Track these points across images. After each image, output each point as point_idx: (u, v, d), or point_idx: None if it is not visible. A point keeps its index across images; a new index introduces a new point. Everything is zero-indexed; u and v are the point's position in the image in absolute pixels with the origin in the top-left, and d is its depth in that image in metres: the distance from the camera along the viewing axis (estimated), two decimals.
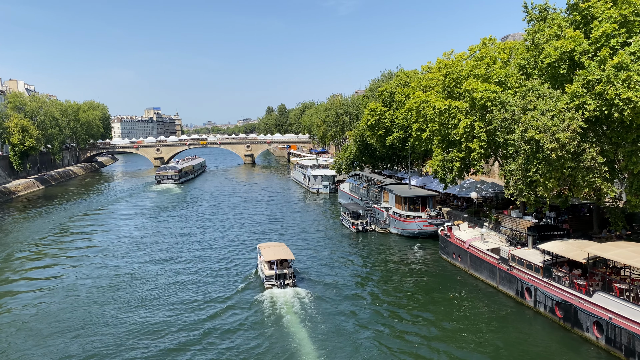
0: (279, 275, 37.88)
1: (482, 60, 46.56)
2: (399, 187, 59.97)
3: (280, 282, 37.68)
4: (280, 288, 37.41)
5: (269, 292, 37.08)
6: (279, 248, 41.75)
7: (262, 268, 39.57)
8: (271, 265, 38.75)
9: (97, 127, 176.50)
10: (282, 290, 37.21)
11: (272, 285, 37.72)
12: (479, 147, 42.73)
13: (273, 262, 38.75)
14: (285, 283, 37.73)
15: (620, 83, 29.64)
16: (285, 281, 37.81)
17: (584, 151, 31.75)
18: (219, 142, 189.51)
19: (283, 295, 36.29)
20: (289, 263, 39.30)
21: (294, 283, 38.31)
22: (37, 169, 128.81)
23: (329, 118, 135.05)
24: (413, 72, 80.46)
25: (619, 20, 31.88)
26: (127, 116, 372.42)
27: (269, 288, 37.60)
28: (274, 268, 38.34)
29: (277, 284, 37.65)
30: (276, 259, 38.78)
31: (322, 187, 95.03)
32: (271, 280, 37.89)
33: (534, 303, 33.00)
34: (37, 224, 68.57)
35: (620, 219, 35.29)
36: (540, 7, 40.54)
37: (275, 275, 37.85)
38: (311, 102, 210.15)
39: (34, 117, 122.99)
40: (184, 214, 75.06)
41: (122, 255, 51.01)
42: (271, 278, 37.90)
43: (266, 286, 37.85)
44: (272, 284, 37.75)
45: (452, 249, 44.31)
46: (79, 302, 37.08)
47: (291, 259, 39.37)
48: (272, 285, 37.72)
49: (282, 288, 37.42)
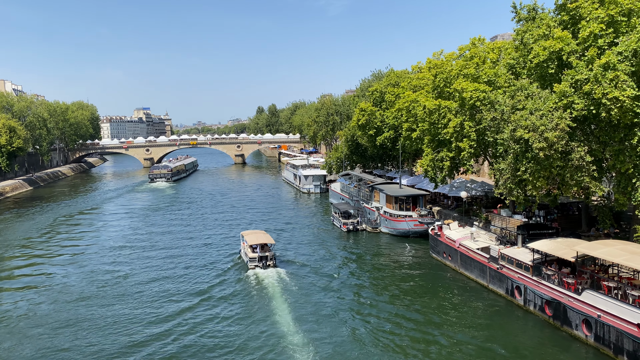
0: (261, 257, 42.24)
1: (471, 60, 46.77)
2: (390, 187, 60.10)
3: (263, 263, 42.06)
4: (262, 268, 41.78)
5: (253, 271, 41.58)
6: (261, 234, 46.43)
7: (246, 252, 43.81)
8: (254, 249, 43.09)
9: (86, 128, 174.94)
10: (264, 270, 41.54)
11: (255, 266, 42.14)
12: (468, 147, 42.91)
13: (255, 246, 43.12)
14: (267, 264, 42.13)
15: (608, 83, 29.91)
16: (267, 262, 42.21)
17: (572, 150, 32.02)
18: (209, 142, 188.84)
19: (266, 274, 40.77)
20: (270, 247, 43.67)
21: (275, 264, 42.71)
22: (25, 170, 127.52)
23: (319, 118, 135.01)
24: (403, 72, 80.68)
25: (606, 20, 32.17)
26: (116, 116, 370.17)
27: (253, 269, 41.98)
28: (256, 251, 42.67)
29: (260, 265, 42.05)
30: (258, 243, 43.20)
31: (313, 187, 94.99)
32: (254, 262, 42.27)
33: (523, 301, 33.20)
34: (26, 225, 67.85)
35: (608, 217, 35.60)
36: (529, 7, 40.77)
37: (258, 258, 42.18)
38: (302, 102, 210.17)
39: (21, 117, 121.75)
40: (175, 212, 76.77)
41: (116, 249, 52.80)
42: (254, 260, 42.32)
43: (250, 267, 42.25)
44: (256, 265, 42.18)
45: (442, 248, 44.47)
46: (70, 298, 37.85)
47: (272, 243, 43.95)
48: (255, 266, 42.14)
49: (264, 268, 41.80)
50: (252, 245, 43.39)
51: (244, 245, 45.30)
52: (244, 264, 44.11)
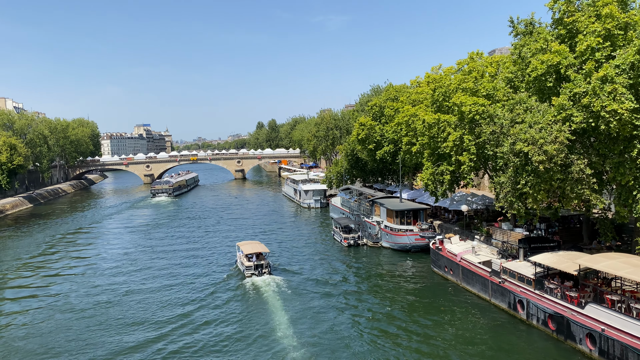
0: (257, 265, 44.66)
1: (470, 74, 46.97)
2: (390, 201, 60.00)
3: (258, 271, 44.47)
4: (258, 276, 44.17)
5: (249, 279, 43.89)
6: (256, 244, 48.74)
7: (242, 261, 46.12)
8: (249, 258, 45.54)
9: (86, 145, 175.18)
10: (260, 277, 43.99)
11: (252, 274, 44.48)
12: (468, 160, 42.93)
13: (251, 256, 45.61)
14: (262, 272, 44.51)
15: (606, 95, 30.01)
16: (262, 270, 44.59)
17: (572, 163, 32.02)
18: (210, 157, 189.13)
19: (261, 281, 43.20)
20: (264, 256, 46.05)
21: (270, 272, 45.04)
22: (26, 187, 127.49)
23: (319, 132, 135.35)
24: (402, 87, 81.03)
25: (603, 34, 32.36)
26: (116, 133, 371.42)
27: (249, 277, 44.31)
28: (252, 260, 45.14)
29: (256, 273, 44.43)
30: (253, 252, 45.67)
31: (313, 201, 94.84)
32: (250, 270, 44.64)
33: (526, 315, 32.96)
34: (26, 243, 67.67)
35: (610, 230, 35.46)
36: (526, 21, 41.12)
37: (254, 266, 44.59)
38: (301, 117, 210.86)
39: (22, 135, 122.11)
40: (177, 226, 77.94)
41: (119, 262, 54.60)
42: (250, 268, 44.69)
43: (246, 275, 44.55)
44: (252, 273, 44.52)
45: (443, 262, 44.26)
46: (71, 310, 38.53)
47: (266, 252, 46.32)
48: (252, 274, 44.48)
49: (259, 276, 44.20)
50: (247, 255, 45.81)
51: (240, 255, 47.80)
52: (240, 272, 46.39)
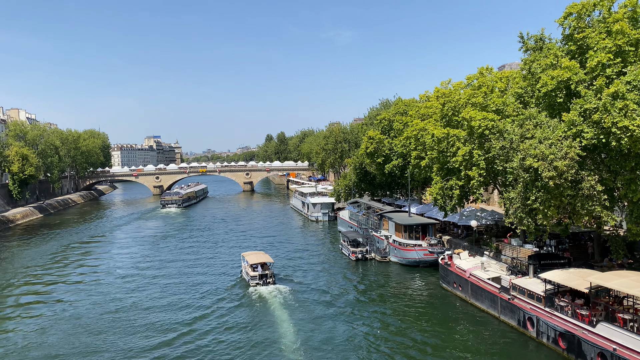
0: (262, 275, 45.84)
1: (479, 89, 46.96)
2: (399, 215, 59.75)
3: (263, 281, 45.65)
4: (263, 285, 45.27)
5: (254, 288, 44.92)
6: (260, 254, 49.95)
7: (247, 271, 47.29)
8: (254, 268, 46.58)
9: (97, 156, 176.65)
10: (265, 287, 45.03)
11: (257, 283, 45.51)
12: (478, 175, 42.72)
13: (256, 266, 46.62)
14: (267, 281, 45.68)
15: (617, 112, 29.85)
16: (267, 280, 45.78)
17: (583, 179, 31.76)
18: (219, 169, 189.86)
19: (266, 290, 44.23)
20: (269, 266, 47.11)
21: (274, 281, 46.18)
22: (36, 198, 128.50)
23: (328, 146, 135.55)
24: (411, 101, 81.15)
25: (614, 50, 32.30)
26: (127, 144, 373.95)
27: (254, 286, 45.32)
28: (257, 270, 46.23)
29: (261, 282, 45.54)
30: (258, 262, 46.77)
31: (321, 214, 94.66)
32: (255, 280, 45.70)
33: (536, 333, 32.50)
34: (35, 252, 68.06)
35: (622, 247, 35.02)
36: (536, 37, 41.13)
37: (259, 276, 45.71)
38: (310, 129, 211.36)
39: (34, 145, 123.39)
40: (185, 237, 79.38)
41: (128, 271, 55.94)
42: (255, 278, 45.77)
43: (251, 284, 45.59)
44: (257, 283, 45.54)
45: (452, 277, 43.88)
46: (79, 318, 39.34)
47: (271, 262, 47.36)
48: (257, 283, 45.51)
49: (264, 285, 45.31)
50: (252, 265, 46.81)
51: (245, 265, 48.88)
52: (245, 282, 47.53)
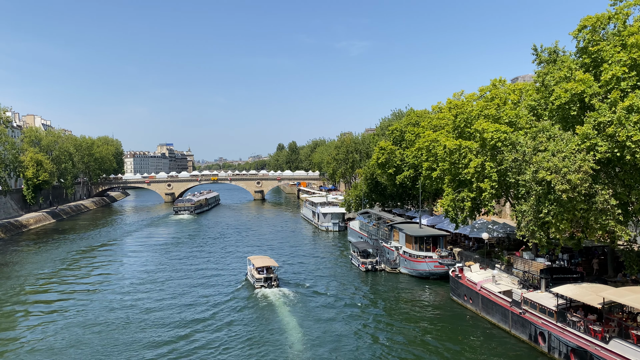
0: (267, 278, 48.22)
1: (492, 100, 46.79)
2: (410, 226, 59.47)
3: (268, 284, 47.98)
4: (267, 288, 47.65)
5: (259, 290, 47.33)
6: (266, 258, 52.61)
7: (253, 274, 49.73)
8: (259, 271, 49.19)
9: (110, 162, 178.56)
10: (269, 289, 47.39)
11: (262, 286, 47.92)
12: (489, 187, 42.43)
13: (261, 269, 49.30)
14: (271, 284, 48.04)
15: (632, 125, 29.57)
16: (272, 283, 48.15)
17: (596, 193, 31.42)
18: (230, 178, 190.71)
19: (271, 292, 46.61)
20: (273, 270, 49.70)
21: (278, 284, 48.59)
22: (49, 203, 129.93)
23: (339, 156, 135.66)
24: (423, 112, 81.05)
25: (629, 63, 32.03)
26: (140, 151, 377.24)
27: (259, 288, 47.71)
28: (262, 273, 48.83)
29: (266, 285, 47.90)
30: (263, 266, 49.45)
31: (331, 224, 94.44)
32: (260, 282, 48.10)
33: (548, 349, 32.05)
34: (47, 257, 68.71)
35: (636, 262, 34.49)
36: (550, 49, 40.95)
37: (264, 279, 48.11)
38: (322, 139, 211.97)
39: (49, 151, 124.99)
40: (196, 242, 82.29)
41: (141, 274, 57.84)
42: (260, 280, 48.18)
43: (256, 287, 47.99)
44: (262, 285, 47.93)
45: (463, 290, 43.50)
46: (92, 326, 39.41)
47: (275, 266, 50.16)
48: (262, 286, 47.92)
49: (269, 288, 47.68)
50: (258, 268, 49.42)
51: (250, 268, 51.57)
52: (250, 284, 49.87)
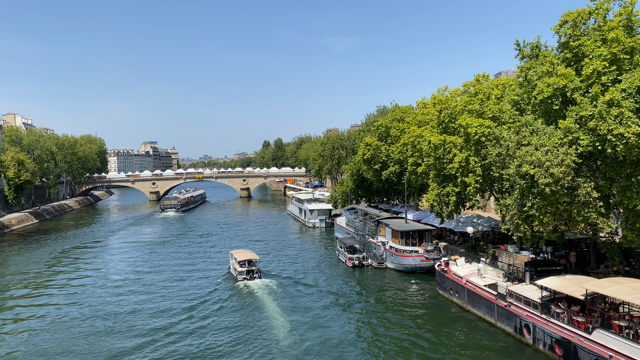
0: (249, 271, 50.61)
1: (476, 96, 47.15)
2: (396, 221, 59.77)
3: (250, 276, 50.45)
4: (249, 280, 50.10)
5: (242, 282, 49.74)
6: (247, 252, 55.06)
7: (235, 267, 52.06)
8: (241, 264, 51.54)
9: (93, 161, 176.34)
10: (251, 281, 49.87)
11: (244, 278, 50.30)
12: (474, 182, 42.83)
13: (243, 262, 51.69)
14: (253, 276, 50.52)
15: (613, 119, 30.02)
16: (253, 275, 50.65)
17: (579, 186, 31.88)
18: (215, 175, 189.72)
19: (253, 284, 49.15)
20: (255, 262, 52.18)
21: (260, 276, 51.10)
22: (32, 203, 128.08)
23: (325, 152, 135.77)
24: (408, 108, 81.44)
25: (609, 58, 32.51)
26: (123, 150, 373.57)
27: (242, 280, 50.10)
28: (244, 266, 51.15)
29: (248, 277, 50.36)
30: (245, 259, 51.88)
31: (318, 221, 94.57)
32: (243, 275, 50.47)
33: (533, 340, 32.50)
34: (30, 258, 67.71)
35: (617, 254, 35.11)
36: (532, 44, 41.39)
37: (246, 271, 50.47)
38: (308, 136, 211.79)
39: (30, 151, 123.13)
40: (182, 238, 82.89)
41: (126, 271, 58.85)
42: (243, 273, 50.52)
43: (239, 279, 50.35)
44: (244, 277, 50.33)
45: (449, 284, 43.88)
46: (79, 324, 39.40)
47: (256, 259, 52.61)
48: (244, 278, 50.30)
49: (251, 280, 50.14)
50: (240, 261, 51.64)
51: (233, 262, 53.83)
52: (233, 277, 52.03)
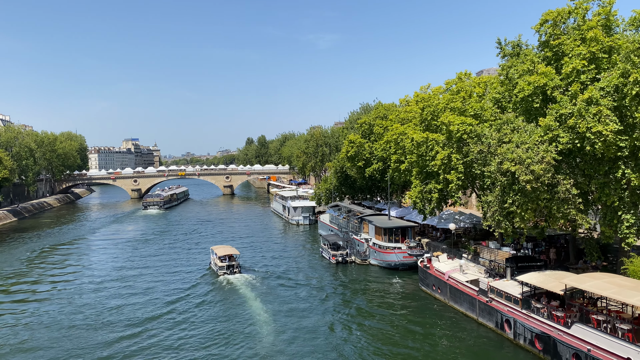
0: (229, 266, 51.54)
1: (458, 94, 47.56)
2: (379, 218, 60.03)
3: (230, 270, 51.32)
4: (230, 274, 50.97)
5: (222, 277, 50.60)
6: (227, 247, 55.70)
7: (216, 262, 53.03)
8: (222, 259, 52.29)
9: (73, 158, 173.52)
10: (232, 275, 50.85)
11: (224, 273, 51.18)
12: (456, 179, 43.22)
13: (223, 257, 52.39)
14: (233, 271, 51.42)
15: (591, 117, 30.53)
16: (234, 270, 51.54)
17: (558, 183, 32.36)
18: (198, 173, 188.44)
19: (233, 278, 50.07)
20: (235, 257, 52.93)
21: (240, 271, 51.90)
22: (10, 201, 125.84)
23: (308, 149, 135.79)
24: (391, 105, 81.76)
25: (588, 57, 33.05)
26: (104, 147, 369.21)
27: (222, 275, 50.99)
28: (224, 261, 51.99)
29: (228, 272, 51.19)
30: (226, 254, 52.58)
31: (302, 218, 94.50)
32: (223, 270, 51.40)
33: (513, 335, 32.94)
34: (9, 257, 66.49)
35: (595, 249, 35.77)
36: (513, 43, 41.85)
37: (226, 266, 51.42)
38: (291, 133, 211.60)
39: (8, 148, 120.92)
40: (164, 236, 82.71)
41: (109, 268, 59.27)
42: (223, 268, 51.48)
43: (219, 274, 51.24)
44: (225, 272, 51.21)
45: (431, 280, 44.23)
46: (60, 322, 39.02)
47: (237, 254, 53.18)
48: (224, 273, 51.18)
49: (231, 274, 51.02)
50: (220, 257, 52.43)
51: (213, 257, 54.68)
52: (214, 272, 52.92)
